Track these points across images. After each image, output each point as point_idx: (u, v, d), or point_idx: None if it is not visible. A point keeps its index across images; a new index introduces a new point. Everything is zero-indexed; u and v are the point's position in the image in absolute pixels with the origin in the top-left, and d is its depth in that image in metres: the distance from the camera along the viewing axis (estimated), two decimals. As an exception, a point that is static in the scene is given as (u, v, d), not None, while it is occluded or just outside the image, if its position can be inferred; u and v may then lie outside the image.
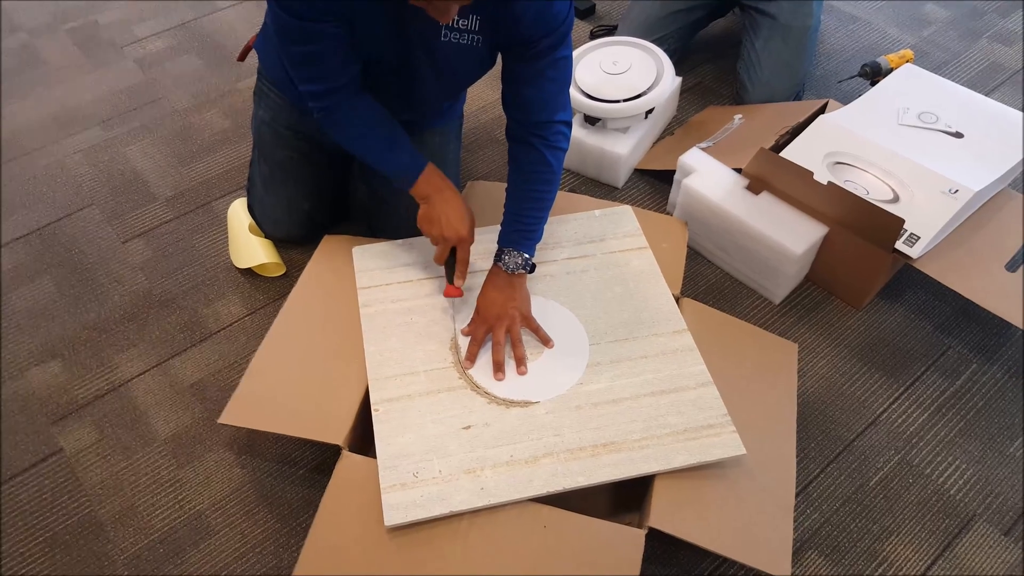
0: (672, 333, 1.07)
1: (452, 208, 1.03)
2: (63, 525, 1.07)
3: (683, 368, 1.03)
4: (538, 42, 0.97)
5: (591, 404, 0.99)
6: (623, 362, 1.04)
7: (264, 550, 1.04)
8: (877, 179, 1.24)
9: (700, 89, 1.70)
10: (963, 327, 1.29)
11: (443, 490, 0.91)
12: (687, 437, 0.96)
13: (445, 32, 0.98)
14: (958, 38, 1.83)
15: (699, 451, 0.94)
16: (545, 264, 1.15)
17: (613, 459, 0.93)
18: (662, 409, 0.98)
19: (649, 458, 0.94)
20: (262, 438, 1.15)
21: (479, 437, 0.96)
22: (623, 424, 0.97)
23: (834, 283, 1.31)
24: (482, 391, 1.01)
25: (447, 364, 1.04)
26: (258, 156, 1.29)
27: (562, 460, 0.93)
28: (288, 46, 0.97)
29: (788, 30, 1.51)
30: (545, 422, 0.97)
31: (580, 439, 0.96)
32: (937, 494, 1.10)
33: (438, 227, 1.03)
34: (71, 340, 1.27)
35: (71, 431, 1.16)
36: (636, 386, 1.01)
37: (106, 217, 1.45)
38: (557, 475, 0.92)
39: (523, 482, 0.91)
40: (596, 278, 1.14)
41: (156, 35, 1.84)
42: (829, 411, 1.18)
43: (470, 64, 1.06)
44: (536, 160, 1.05)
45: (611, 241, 1.19)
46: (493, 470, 0.92)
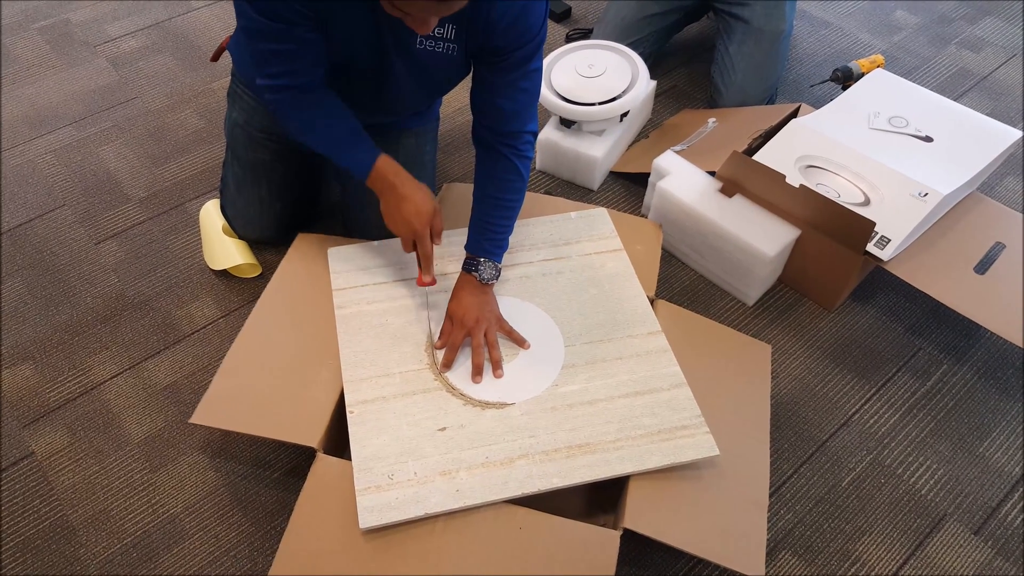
0: (647, 335, 1.08)
1: (407, 203, 1.01)
2: (35, 529, 1.05)
3: (657, 369, 1.04)
4: (512, 53, 0.98)
5: (566, 405, 1.00)
6: (598, 363, 1.04)
7: (238, 553, 1.04)
8: (848, 182, 1.26)
9: (675, 92, 1.71)
10: (933, 329, 1.31)
11: (418, 492, 0.91)
12: (661, 438, 0.96)
13: (420, 40, 0.99)
14: (927, 44, 1.86)
15: (673, 452, 0.95)
16: (520, 266, 1.16)
17: (588, 460, 0.94)
18: (636, 410, 0.99)
19: (624, 459, 0.94)
20: (236, 441, 1.14)
21: (454, 439, 0.96)
22: (598, 425, 0.98)
23: (806, 285, 1.33)
24: (457, 393, 1.01)
25: (422, 366, 1.04)
26: (231, 157, 1.29)
27: (537, 461, 0.94)
28: (256, 43, 0.96)
29: (761, 34, 1.53)
30: (520, 423, 0.98)
31: (555, 440, 0.96)
32: (908, 494, 1.12)
33: (393, 223, 1.03)
34: (43, 342, 1.25)
35: (43, 434, 1.15)
36: (611, 387, 1.02)
37: (78, 218, 1.43)
38: (532, 476, 0.92)
39: (498, 484, 0.91)
40: (571, 280, 1.15)
41: (130, 34, 1.82)
42: (802, 412, 1.20)
43: (446, 71, 1.06)
44: (506, 168, 1.06)
45: (586, 243, 1.19)
46: (468, 472, 0.92)
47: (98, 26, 1.84)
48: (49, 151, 1.55)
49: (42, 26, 1.84)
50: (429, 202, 1.02)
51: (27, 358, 1.23)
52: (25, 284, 1.33)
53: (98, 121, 1.62)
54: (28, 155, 1.54)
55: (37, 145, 1.56)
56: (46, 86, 1.69)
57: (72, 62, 1.75)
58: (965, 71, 1.79)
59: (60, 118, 1.62)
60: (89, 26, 1.84)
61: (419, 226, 1.01)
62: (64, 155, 1.55)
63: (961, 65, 1.81)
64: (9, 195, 1.47)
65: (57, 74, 1.72)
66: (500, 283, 1.12)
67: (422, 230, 1.01)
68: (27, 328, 1.27)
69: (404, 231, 1.02)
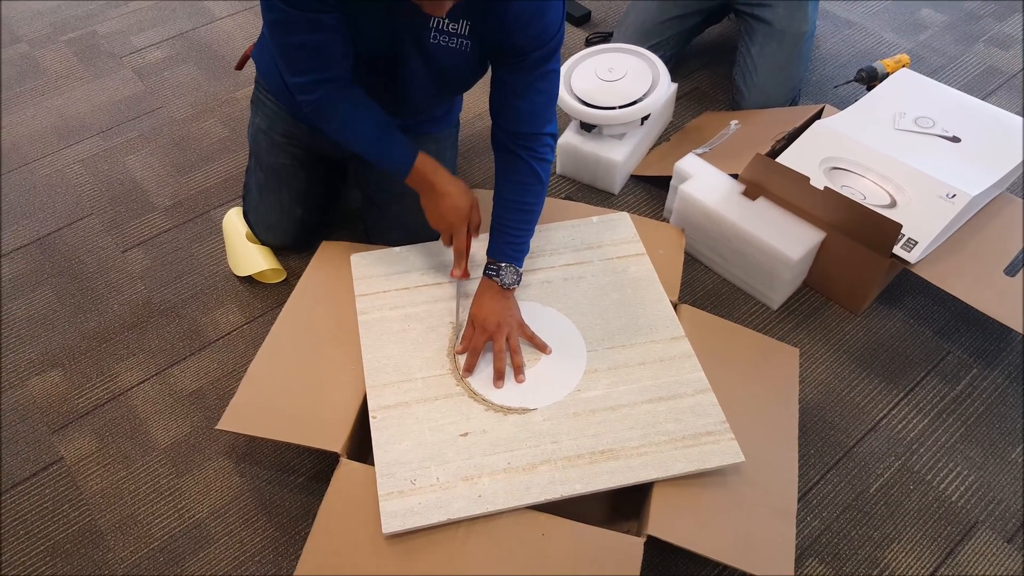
0: (670, 340, 1.07)
1: (445, 200, 1.04)
2: (64, 534, 1.07)
3: (681, 375, 1.03)
4: (529, 54, 0.98)
5: (589, 411, 0.99)
6: (620, 369, 1.04)
7: (263, 558, 1.04)
8: (874, 184, 1.25)
9: (696, 95, 1.70)
10: (962, 332, 1.29)
11: (440, 497, 0.91)
12: (685, 444, 0.96)
13: (434, 34, 0.99)
14: (954, 42, 1.83)
15: (697, 459, 0.94)
16: (542, 271, 1.16)
17: (611, 466, 0.93)
18: (660, 416, 0.98)
19: (647, 465, 0.94)
20: (261, 446, 1.15)
21: (476, 444, 0.96)
22: (621, 431, 0.97)
23: (832, 288, 1.31)
24: (480, 398, 1.01)
25: (445, 371, 1.04)
26: (254, 163, 1.30)
27: (560, 467, 0.93)
28: (284, 37, 0.97)
29: (783, 35, 1.52)
30: (543, 429, 0.97)
31: (578, 446, 0.95)
32: (938, 500, 1.10)
33: (432, 219, 1.07)
34: (71, 349, 1.27)
35: (71, 440, 1.16)
36: (634, 393, 1.01)
37: (106, 227, 1.46)
38: (555, 483, 0.92)
39: (520, 490, 0.91)
40: (593, 284, 1.14)
41: (155, 45, 1.85)
42: (828, 417, 1.18)
43: (460, 68, 1.06)
44: (524, 172, 1.06)
45: (608, 248, 1.19)
46: (491, 477, 0.92)
47: (124, 37, 1.87)
48: (77, 161, 1.58)
49: (70, 38, 1.87)
50: (466, 198, 1.05)
51: (56, 364, 1.25)
52: (54, 292, 1.36)
53: (124, 131, 1.64)
54: (57, 165, 1.57)
55: (65, 155, 1.59)
56: (74, 97, 1.72)
57: (99, 73, 1.78)
58: (993, 69, 1.76)
59: (87, 128, 1.65)
60: (115, 37, 1.87)
61: (456, 221, 1.05)
62: (92, 164, 1.57)
63: (989, 63, 1.78)
64: (39, 204, 1.50)
65: (84, 85, 1.75)
66: (522, 288, 1.12)
67: (460, 225, 1.05)
68: (56, 335, 1.29)
69: (443, 226, 1.06)
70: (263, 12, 0.97)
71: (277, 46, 1.00)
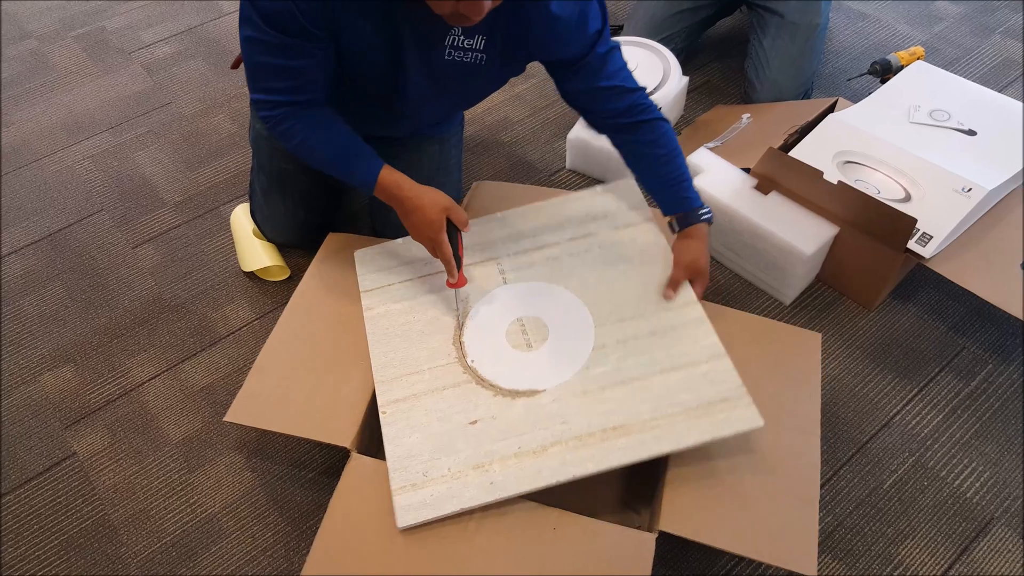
0: (681, 306, 1.03)
1: (416, 214, 0.99)
2: (77, 528, 1.08)
3: (694, 342, 0.99)
4: (584, 58, 0.98)
5: (598, 388, 0.97)
6: (630, 341, 1.01)
7: (275, 553, 1.05)
8: (888, 178, 1.23)
9: (707, 88, 1.69)
10: (978, 327, 1.27)
11: (452, 488, 0.90)
12: (700, 414, 0.92)
13: (449, 51, 0.97)
14: (970, 34, 1.81)
15: (713, 427, 0.91)
16: (548, 248, 1.13)
17: (623, 443, 0.91)
18: (673, 387, 0.95)
19: (660, 439, 0.91)
20: (271, 441, 1.15)
21: (486, 431, 0.95)
22: (632, 406, 0.94)
23: (845, 283, 1.30)
24: (487, 384, 1.00)
25: (451, 359, 1.03)
26: (256, 166, 1.29)
27: (571, 448, 0.92)
28: (259, 56, 0.92)
29: (796, 28, 1.50)
30: (552, 410, 0.96)
31: (588, 425, 0.94)
32: (953, 497, 1.09)
33: (411, 234, 1.03)
34: (83, 345, 1.28)
35: (84, 435, 1.17)
36: (644, 365, 0.98)
37: (116, 223, 1.46)
38: (566, 463, 0.91)
39: (532, 473, 0.90)
40: (600, 257, 1.11)
41: (163, 40, 1.85)
42: (841, 413, 1.17)
43: (474, 84, 1.05)
44: (649, 131, 1.04)
45: (615, 217, 1.15)
46: (502, 463, 0.92)
47: (132, 33, 1.87)
48: (87, 157, 1.58)
49: (79, 34, 1.87)
50: (436, 208, 0.99)
51: (68, 360, 1.26)
52: (65, 288, 1.36)
53: (134, 127, 1.64)
54: (67, 161, 1.58)
55: (75, 151, 1.59)
56: (83, 93, 1.72)
57: (108, 69, 1.78)
58: (1010, 61, 1.74)
59: (97, 124, 1.65)
60: (124, 33, 1.87)
61: (432, 234, 0.99)
62: (101, 161, 1.58)
63: (1006, 55, 1.76)
64: (49, 201, 1.50)
65: (94, 81, 1.75)
66: (527, 267, 1.10)
67: (436, 236, 0.99)
68: (68, 331, 1.30)
69: (422, 242, 1.02)
70: (240, 26, 0.92)
71: (249, 62, 0.94)
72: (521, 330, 1.05)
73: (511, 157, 1.56)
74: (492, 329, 1.05)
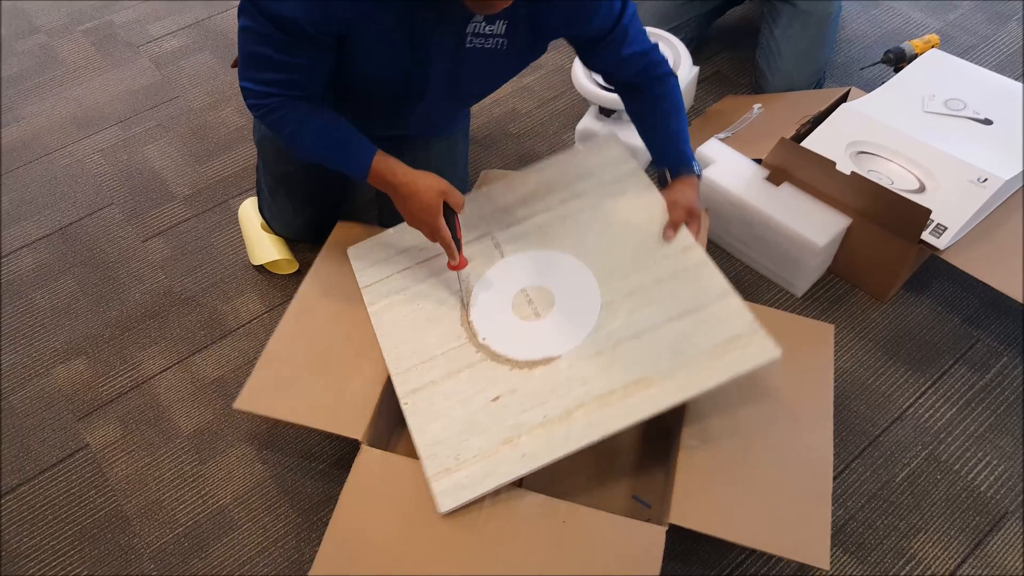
0: (682, 251, 1.02)
1: (411, 200, 0.98)
2: (91, 519, 1.08)
3: (700, 284, 0.99)
4: (612, 31, 1.00)
5: (612, 345, 0.96)
6: (637, 293, 1.00)
7: (286, 544, 1.05)
8: (902, 168, 1.22)
9: (718, 78, 1.68)
10: (992, 319, 1.26)
11: (486, 466, 0.89)
12: (717, 354, 0.92)
13: (470, 39, 0.96)
14: (986, 21, 1.79)
15: (732, 365, 0.90)
16: (538, 215, 1.11)
17: (646, 395, 0.91)
18: (686, 332, 0.95)
19: (683, 385, 0.91)
20: (282, 433, 1.16)
21: (509, 405, 0.94)
22: (649, 357, 0.94)
23: (858, 275, 1.29)
24: (503, 359, 0.99)
25: (462, 341, 1.02)
26: (262, 166, 1.28)
27: (595, 408, 0.91)
28: (254, 45, 0.90)
29: (808, 16, 1.48)
30: (570, 375, 0.95)
31: (609, 383, 0.93)
32: (967, 491, 1.08)
33: (407, 220, 1.02)
34: (95, 338, 1.29)
35: (96, 427, 1.18)
36: (655, 315, 0.97)
37: (126, 216, 1.47)
38: (593, 424, 0.90)
39: (561, 440, 0.89)
40: (594, 216, 1.09)
41: (171, 34, 1.85)
42: (854, 406, 1.17)
43: (494, 71, 1.04)
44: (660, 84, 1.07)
45: (601, 173, 1.14)
46: (530, 434, 0.91)
47: (140, 27, 1.87)
48: (97, 150, 1.59)
49: (87, 28, 1.88)
50: (433, 190, 0.97)
51: (80, 353, 1.27)
52: (77, 281, 1.37)
53: (143, 120, 1.65)
54: (77, 155, 1.58)
55: (85, 145, 1.60)
56: (92, 87, 1.73)
57: (116, 63, 1.78)
58: (1025, 49, 1.72)
59: (106, 118, 1.65)
60: (132, 27, 1.87)
61: (430, 219, 0.98)
62: (111, 154, 1.58)
63: (1022, 43, 1.73)
64: (60, 194, 1.51)
65: (102, 75, 1.75)
66: (520, 237, 1.09)
67: (434, 220, 0.98)
68: (80, 324, 1.31)
69: (419, 227, 1.01)
70: (238, 15, 0.90)
71: (243, 50, 0.92)
72: (527, 300, 1.04)
73: (519, 149, 1.55)
74: (498, 304, 1.04)
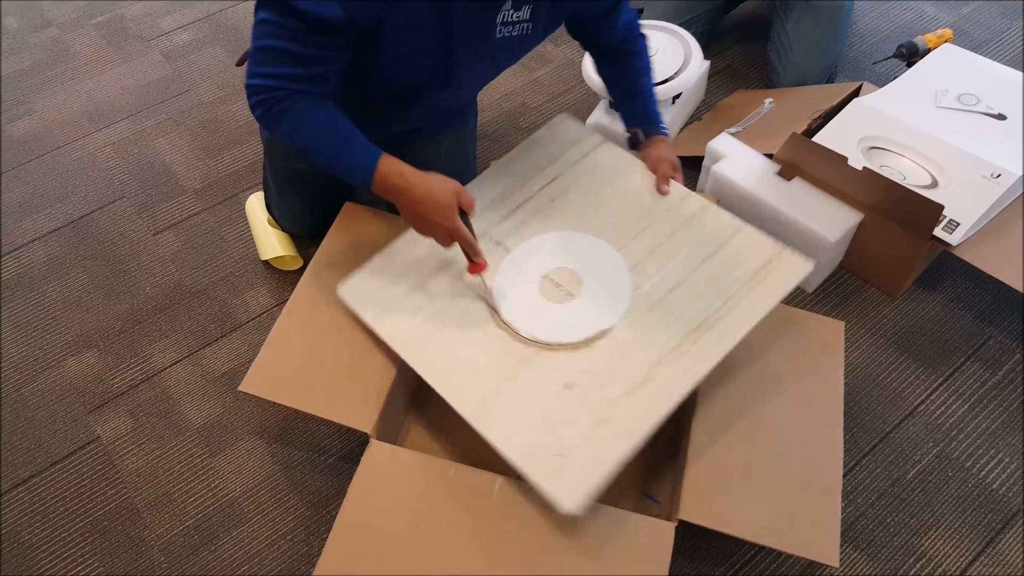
0: (679, 201, 1.06)
1: (425, 203, 0.90)
2: (102, 511, 1.09)
3: (711, 225, 1.02)
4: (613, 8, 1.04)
5: (658, 300, 0.97)
6: (657, 250, 1.01)
7: (295, 537, 1.06)
8: (914, 164, 1.21)
9: (729, 73, 1.67)
10: (1005, 316, 1.25)
11: (595, 452, 0.87)
12: (757, 281, 0.95)
13: (500, 28, 0.95)
14: (1000, 15, 1.77)
15: (775, 288, 0.95)
16: (525, 203, 1.09)
17: (712, 336, 0.92)
18: (720, 270, 0.98)
19: (740, 317, 0.93)
20: (292, 427, 1.16)
21: (585, 386, 0.92)
22: (697, 302, 0.96)
23: (869, 271, 1.28)
24: (557, 345, 0.96)
25: (506, 342, 0.97)
26: (269, 165, 1.27)
27: (672, 361, 0.91)
28: (269, 39, 0.85)
29: (820, 11, 1.47)
30: (632, 339, 0.94)
31: (673, 335, 0.93)
32: (979, 488, 1.07)
33: (419, 228, 0.94)
34: (106, 331, 1.29)
35: (107, 420, 1.18)
36: (683, 264, 0.99)
37: (137, 209, 1.47)
38: (678, 375, 0.90)
39: (654, 401, 0.89)
40: (580, 192, 1.09)
41: (182, 28, 1.86)
42: (864, 402, 1.16)
43: (516, 56, 1.05)
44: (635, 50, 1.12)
45: (569, 152, 1.13)
46: (620, 407, 0.89)
47: (151, 20, 1.88)
48: (108, 144, 1.60)
49: (98, 22, 1.88)
50: (446, 192, 0.91)
51: (91, 346, 1.27)
52: (88, 274, 1.37)
53: (153, 114, 1.65)
54: (88, 148, 1.59)
55: (96, 139, 1.61)
56: (103, 80, 1.73)
57: (127, 56, 1.79)
58: (1040, 43, 1.70)
59: (117, 112, 1.66)
60: (143, 20, 1.88)
61: (447, 222, 0.91)
62: (122, 148, 1.59)
63: (1035, 37, 1.71)
64: (72, 188, 1.52)
65: (114, 68, 1.76)
66: (518, 227, 1.06)
67: (452, 222, 0.91)
68: (91, 317, 1.31)
69: (435, 232, 0.93)
70: (256, 8, 0.86)
71: (257, 44, 0.87)
72: (554, 285, 1.01)
73: (529, 143, 1.55)
74: (527, 297, 1.00)
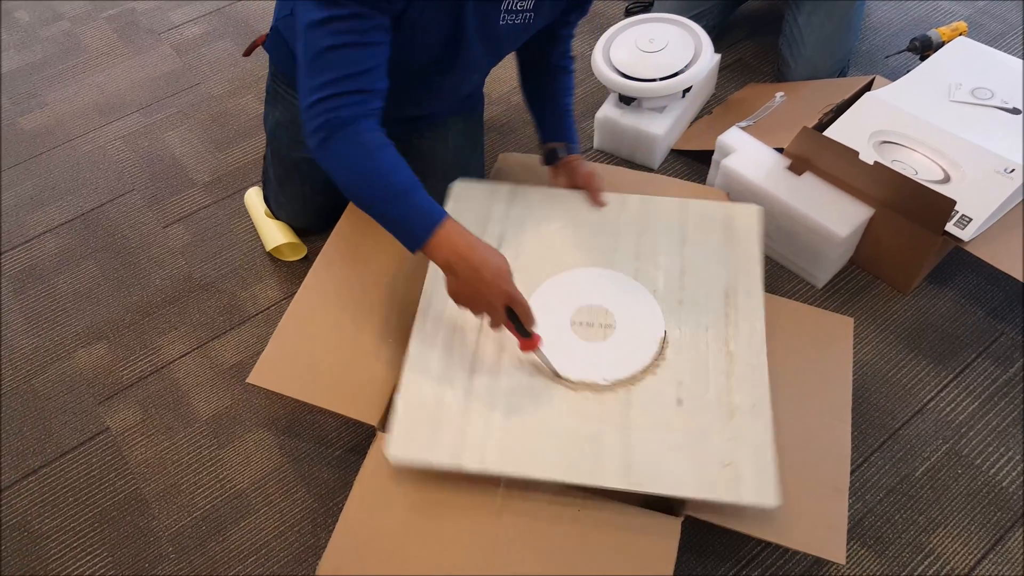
0: (622, 205, 1.12)
1: (485, 269, 0.83)
2: (111, 501, 1.10)
3: (665, 211, 1.10)
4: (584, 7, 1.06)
5: (677, 290, 1.02)
6: (640, 253, 1.07)
7: (302, 529, 1.06)
8: (926, 158, 1.20)
9: (740, 66, 1.65)
10: (1017, 312, 1.24)
11: (749, 444, 0.88)
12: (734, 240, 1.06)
13: (504, 16, 0.95)
14: (1015, 8, 1.74)
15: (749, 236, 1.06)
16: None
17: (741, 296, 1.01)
18: (700, 243, 1.06)
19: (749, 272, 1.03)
20: (299, 419, 1.17)
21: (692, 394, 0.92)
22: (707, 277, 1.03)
23: (880, 267, 1.27)
24: (636, 378, 0.94)
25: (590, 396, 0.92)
26: (272, 155, 1.27)
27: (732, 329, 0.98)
28: (324, 40, 0.82)
29: (832, 4, 1.46)
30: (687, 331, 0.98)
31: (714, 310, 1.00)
32: (988, 486, 1.06)
33: (475, 298, 0.86)
34: (115, 323, 1.30)
35: (117, 411, 1.19)
36: (669, 252, 1.06)
37: (147, 202, 1.48)
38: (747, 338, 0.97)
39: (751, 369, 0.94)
40: (535, 238, 1.07)
41: (192, 21, 1.86)
42: (874, 399, 1.15)
43: (516, 44, 1.05)
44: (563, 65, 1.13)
45: (491, 211, 1.10)
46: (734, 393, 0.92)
47: (162, 14, 1.88)
48: (118, 137, 1.60)
49: (109, 15, 1.89)
50: (499, 255, 0.86)
51: (101, 337, 1.28)
52: (98, 266, 1.38)
53: (164, 107, 1.66)
54: (99, 141, 1.60)
55: (107, 132, 1.61)
56: (114, 74, 1.74)
57: (138, 50, 1.80)
58: (1056, 37, 1.68)
59: (128, 105, 1.67)
60: (153, 14, 1.89)
61: (505, 285, 0.84)
62: (132, 141, 1.59)
63: (1051, 31, 1.69)
64: (82, 180, 1.52)
65: (124, 61, 1.77)
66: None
67: (510, 288, 0.84)
68: (101, 309, 1.32)
69: (491, 301, 0.84)
70: (302, 15, 0.83)
71: (309, 53, 0.84)
72: (586, 326, 0.98)
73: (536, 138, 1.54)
74: (575, 350, 0.96)
